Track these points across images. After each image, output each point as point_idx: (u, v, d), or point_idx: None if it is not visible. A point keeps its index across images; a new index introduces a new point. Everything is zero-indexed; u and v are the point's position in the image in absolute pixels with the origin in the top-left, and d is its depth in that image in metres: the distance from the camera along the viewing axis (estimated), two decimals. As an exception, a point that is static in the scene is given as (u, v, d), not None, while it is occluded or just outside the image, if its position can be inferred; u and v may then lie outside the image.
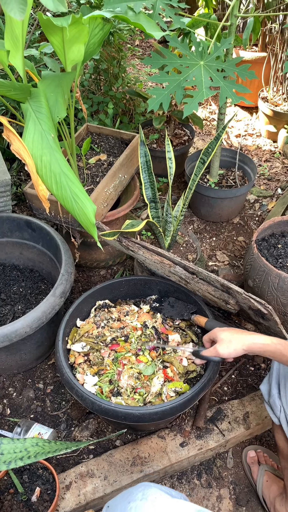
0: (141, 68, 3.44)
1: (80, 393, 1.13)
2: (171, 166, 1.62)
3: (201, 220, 2.22)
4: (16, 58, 1.16)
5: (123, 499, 0.86)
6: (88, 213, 1.08)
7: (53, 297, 1.32)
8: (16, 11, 0.66)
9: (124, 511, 0.83)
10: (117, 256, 1.94)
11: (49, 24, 0.98)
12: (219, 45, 1.35)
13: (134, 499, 0.83)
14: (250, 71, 1.34)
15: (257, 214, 2.26)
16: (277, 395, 1.15)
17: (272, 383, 1.18)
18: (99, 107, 2.35)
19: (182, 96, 1.30)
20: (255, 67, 2.80)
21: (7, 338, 1.23)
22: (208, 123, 3.07)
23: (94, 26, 1.29)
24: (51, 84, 1.17)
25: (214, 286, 1.32)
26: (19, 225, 1.62)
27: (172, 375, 1.24)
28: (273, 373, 1.19)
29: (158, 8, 1.39)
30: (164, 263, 1.36)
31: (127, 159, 1.71)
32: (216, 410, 1.44)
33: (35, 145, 1.05)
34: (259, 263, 1.49)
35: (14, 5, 0.65)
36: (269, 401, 1.18)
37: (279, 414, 1.14)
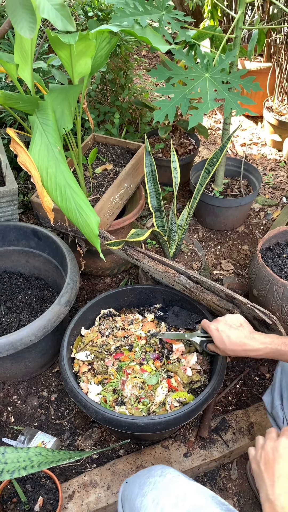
0: (147, 78, 3.48)
1: (84, 402, 1.14)
2: (176, 176, 1.63)
3: (206, 228, 2.23)
4: (25, 72, 1.18)
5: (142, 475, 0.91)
6: (92, 225, 1.09)
7: (58, 305, 1.33)
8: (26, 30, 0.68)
9: (143, 486, 0.87)
10: (122, 264, 1.95)
11: (57, 40, 1.00)
12: (224, 57, 1.37)
13: (153, 475, 0.88)
14: (254, 83, 1.36)
15: (262, 223, 2.26)
16: (279, 406, 1.15)
17: (275, 394, 1.18)
18: (105, 117, 2.38)
19: (187, 108, 1.31)
20: (260, 77, 2.82)
21: (12, 346, 1.24)
22: (213, 132, 3.09)
23: (101, 39, 1.31)
24: (58, 97, 1.19)
25: (219, 295, 1.33)
26: (26, 233, 1.64)
27: (176, 385, 1.25)
28: (276, 384, 1.19)
29: (164, 22, 1.42)
30: (168, 272, 1.37)
31: (133, 168, 1.73)
32: (221, 420, 1.43)
33: (41, 157, 1.07)
34: (264, 273, 1.49)
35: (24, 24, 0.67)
36: (271, 413, 1.18)
37: (282, 425, 1.13)
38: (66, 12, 0.70)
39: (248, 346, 1.02)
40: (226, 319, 1.10)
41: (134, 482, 0.91)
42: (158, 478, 0.87)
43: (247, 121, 3.17)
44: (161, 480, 0.87)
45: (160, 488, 0.85)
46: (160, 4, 1.45)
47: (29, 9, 0.68)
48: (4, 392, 1.53)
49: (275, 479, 0.75)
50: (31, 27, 0.68)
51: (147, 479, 0.89)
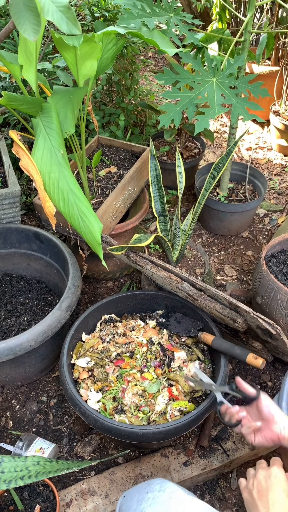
0: (153, 80, 3.46)
1: (83, 410, 1.12)
2: (181, 180, 1.61)
3: (210, 233, 2.21)
4: (29, 73, 1.17)
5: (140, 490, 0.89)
6: (95, 231, 1.08)
7: (59, 310, 1.31)
8: (30, 32, 0.66)
9: (142, 501, 0.86)
10: (124, 268, 1.93)
11: (62, 42, 0.98)
12: (232, 61, 1.35)
13: (152, 490, 0.87)
14: (263, 89, 1.34)
15: (267, 229, 2.24)
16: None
17: (283, 404, 1.16)
18: (110, 119, 2.36)
19: (194, 113, 1.29)
20: (267, 81, 2.80)
21: (12, 351, 1.22)
22: (219, 135, 3.07)
23: (107, 41, 1.30)
24: (62, 99, 1.17)
25: (222, 303, 1.31)
26: (28, 236, 1.62)
27: (177, 393, 1.23)
28: (284, 394, 1.17)
29: (172, 24, 1.40)
30: (171, 278, 1.35)
31: (137, 172, 1.71)
32: (221, 429, 1.41)
33: (44, 162, 1.05)
34: (268, 281, 1.47)
35: (28, 26, 0.65)
36: None
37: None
38: (72, 15, 0.69)
39: None
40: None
41: (132, 497, 0.89)
42: (157, 493, 0.86)
43: (254, 125, 3.15)
44: (160, 495, 0.85)
45: (159, 504, 0.83)
46: (168, 6, 1.43)
47: (33, 10, 0.66)
48: (3, 397, 1.52)
49: (269, 506, 0.78)
50: (35, 29, 0.66)
51: (146, 494, 0.87)
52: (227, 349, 1.24)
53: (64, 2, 0.68)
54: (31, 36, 0.66)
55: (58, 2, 0.67)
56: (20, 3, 0.64)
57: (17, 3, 0.64)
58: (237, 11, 2.91)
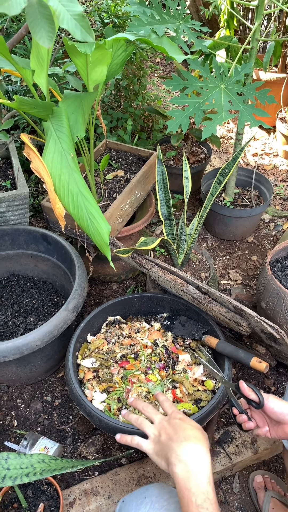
0: (160, 85, 3.49)
1: (88, 410, 1.14)
2: (187, 185, 1.63)
3: (215, 238, 2.23)
4: (40, 77, 1.19)
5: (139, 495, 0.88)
6: (103, 233, 1.09)
7: (66, 311, 1.33)
8: (45, 39, 0.68)
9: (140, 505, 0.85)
10: (130, 271, 1.94)
11: (74, 49, 1.01)
12: (240, 68, 1.37)
13: (150, 495, 0.86)
14: (270, 96, 1.35)
15: (272, 234, 2.25)
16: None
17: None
18: (118, 123, 2.39)
19: (201, 119, 1.31)
20: (274, 87, 2.82)
21: (18, 350, 1.24)
22: (225, 141, 3.09)
23: (117, 47, 1.32)
24: (73, 104, 1.19)
25: (227, 307, 1.32)
26: (35, 237, 1.65)
27: (181, 395, 1.24)
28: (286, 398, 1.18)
29: (181, 31, 1.42)
30: (177, 282, 1.37)
31: (144, 176, 1.73)
32: (224, 432, 1.42)
33: (54, 164, 1.07)
34: (273, 286, 1.48)
35: (43, 34, 0.67)
36: None
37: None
38: (86, 23, 0.71)
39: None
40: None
41: (131, 502, 0.89)
42: (155, 498, 0.85)
43: (260, 131, 3.17)
44: (158, 500, 0.85)
45: (157, 508, 0.83)
46: (177, 13, 1.46)
47: (48, 18, 0.69)
48: (8, 396, 1.53)
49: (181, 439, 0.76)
50: (50, 36, 0.68)
51: (144, 498, 0.86)
52: (231, 353, 1.25)
53: (79, 10, 0.70)
54: (46, 43, 0.68)
55: (73, 10, 0.69)
56: (36, 11, 0.66)
57: (33, 11, 0.66)
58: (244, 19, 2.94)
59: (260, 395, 0.95)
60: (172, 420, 0.82)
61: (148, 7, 1.43)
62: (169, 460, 0.75)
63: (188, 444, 0.75)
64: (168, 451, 0.76)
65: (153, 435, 0.83)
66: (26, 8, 0.66)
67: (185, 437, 0.76)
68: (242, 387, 0.99)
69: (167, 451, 0.76)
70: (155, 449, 0.80)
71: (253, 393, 0.96)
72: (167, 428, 0.80)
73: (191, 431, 0.78)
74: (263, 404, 0.94)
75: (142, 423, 0.87)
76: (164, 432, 0.80)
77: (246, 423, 0.97)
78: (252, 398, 0.96)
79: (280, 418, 0.93)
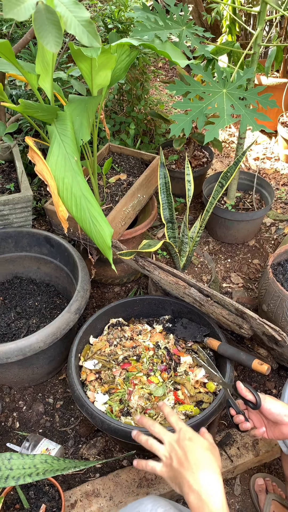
0: (163, 90, 3.51)
1: (90, 411, 1.14)
2: (189, 188, 1.64)
3: (217, 241, 2.24)
4: (45, 82, 1.21)
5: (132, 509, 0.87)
6: (105, 236, 1.11)
7: (68, 313, 1.34)
8: (52, 44, 0.69)
9: None
10: (131, 273, 1.95)
11: (79, 53, 1.02)
12: (242, 73, 1.38)
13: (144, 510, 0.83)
14: (271, 100, 1.37)
15: (273, 238, 2.26)
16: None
17: None
18: (121, 127, 2.41)
19: (204, 123, 1.32)
20: (275, 92, 2.84)
21: (21, 352, 1.25)
22: (227, 145, 3.11)
23: (121, 52, 1.34)
24: (77, 107, 1.21)
25: (229, 309, 1.33)
26: (38, 240, 1.66)
27: (183, 397, 1.24)
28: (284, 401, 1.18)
29: (184, 37, 1.44)
30: (179, 284, 1.37)
31: (146, 179, 1.74)
32: (225, 434, 1.42)
33: (58, 168, 1.08)
34: (274, 288, 1.49)
35: (50, 39, 0.69)
36: None
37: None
38: (93, 29, 0.72)
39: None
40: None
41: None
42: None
43: (261, 136, 3.18)
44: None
45: None
46: (181, 19, 1.47)
47: (55, 24, 0.70)
48: (10, 397, 1.54)
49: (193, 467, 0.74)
50: (57, 41, 0.70)
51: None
52: (232, 355, 1.25)
53: (86, 17, 0.72)
54: (53, 48, 0.70)
55: (80, 16, 0.71)
56: (43, 17, 0.68)
57: (40, 17, 0.68)
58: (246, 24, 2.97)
59: (257, 396, 0.95)
60: (181, 442, 0.80)
61: (152, 13, 1.45)
62: (182, 489, 0.76)
63: (199, 473, 0.74)
64: (181, 479, 0.76)
65: (164, 458, 0.82)
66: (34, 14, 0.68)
67: (195, 463, 0.76)
68: (239, 388, 0.99)
69: (180, 479, 0.76)
70: (169, 474, 0.80)
71: (250, 393, 0.96)
72: (177, 451, 0.79)
73: (202, 454, 0.77)
74: (260, 404, 0.94)
75: (152, 446, 0.85)
76: (175, 455, 0.79)
77: (243, 423, 0.97)
78: (249, 399, 0.97)
79: (277, 419, 0.93)
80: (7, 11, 0.64)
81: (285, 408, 0.93)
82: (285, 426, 0.93)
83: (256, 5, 2.65)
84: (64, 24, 0.72)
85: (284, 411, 0.92)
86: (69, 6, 0.71)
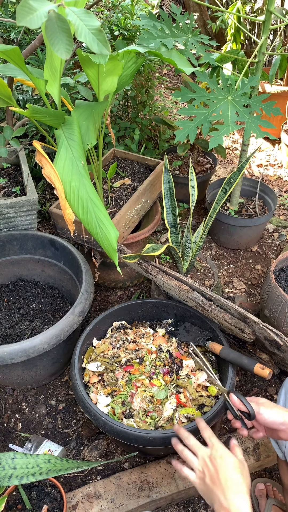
0: (167, 96, 3.54)
1: (93, 413, 1.15)
2: (193, 194, 1.66)
3: (220, 246, 2.25)
4: (53, 87, 1.23)
5: None
6: (111, 238, 1.12)
7: (72, 315, 1.35)
8: (63, 51, 0.71)
9: None
10: (134, 277, 1.97)
11: (87, 60, 1.04)
12: (246, 81, 1.40)
13: None
14: (275, 108, 1.39)
15: (276, 244, 2.27)
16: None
17: None
18: (125, 133, 2.43)
19: (208, 129, 1.34)
20: (279, 100, 2.87)
21: (25, 353, 1.26)
22: (230, 151, 3.13)
23: (128, 59, 1.36)
24: (84, 113, 1.23)
25: (231, 314, 1.34)
26: (43, 243, 1.68)
27: (185, 400, 1.25)
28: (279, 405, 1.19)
29: (190, 45, 1.46)
30: (182, 288, 1.39)
31: (150, 184, 1.76)
32: (226, 439, 1.43)
33: (66, 171, 1.10)
34: (277, 294, 1.50)
35: (61, 46, 0.71)
36: None
37: (284, 448, 1.13)
38: (103, 37, 0.74)
39: None
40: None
41: None
42: None
43: (265, 143, 3.21)
44: None
45: None
46: (186, 27, 1.50)
47: (66, 32, 0.72)
48: (13, 399, 1.55)
49: (224, 487, 0.79)
50: (68, 49, 0.72)
51: None
52: (234, 359, 1.26)
53: (96, 25, 0.74)
54: (63, 55, 0.72)
55: (91, 25, 0.73)
56: (54, 25, 0.70)
57: (52, 25, 0.70)
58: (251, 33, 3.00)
59: (250, 408, 0.96)
60: (214, 460, 0.85)
61: (158, 21, 1.47)
62: (213, 505, 0.81)
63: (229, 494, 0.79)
64: (213, 496, 0.81)
65: (198, 471, 0.87)
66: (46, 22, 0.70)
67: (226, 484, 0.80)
68: (232, 401, 1.00)
69: (211, 496, 0.82)
70: (201, 488, 0.85)
71: (243, 405, 0.97)
72: (210, 468, 0.84)
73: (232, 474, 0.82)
74: (254, 416, 0.96)
75: (187, 457, 0.91)
76: (208, 471, 0.84)
77: (240, 430, 1.01)
78: (243, 410, 0.98)
79: (272, 427, 0.95)
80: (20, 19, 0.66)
81: (281, 414, 0.94)
82: (282, 432, 0.95)
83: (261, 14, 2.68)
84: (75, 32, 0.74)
85: (279, 419, 0.93)
86: (80, 15, 0.73)
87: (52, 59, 1.14)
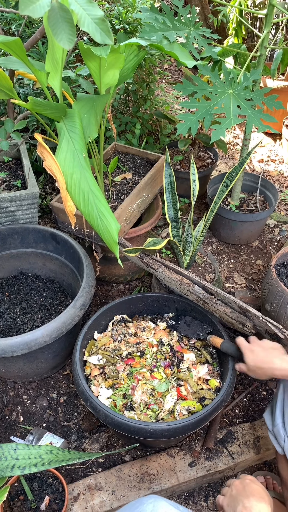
0: (168, 91, 3.53)
1: (94, 405, 1.16)
2: (194, 188, 1.65)
3: (220, 241, 2.25)
4: (54, 80, 1.23)
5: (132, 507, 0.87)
6: (112, 231, 1.12)
7: (74, 308, 1.35)
8: (66, 41, 0.71)
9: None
10: (135, 272, 1.97)
11: (89, 52, 1.04)
12: (248, 75, 1.40)
13: (144, 509, 0.84)
14: (277, 102, 1.38)
15: (276, 239, 2.27)
16: (281, 424, 1.15)
17: (276, 412, 1.18)
18: (126, 127, 2.43)
19: (210, 123, 1.34)
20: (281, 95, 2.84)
21: (27, 346, 1.26)
22: (231, 147, 3.12)
23: (129, 52, 1.36)
24: (86, 105, 1.23)
25: (232, 307, 1.34)
26: (44, 237, 1.68)
27: (185, 393, 1.26)
28: (277, 403, 1.19)
29: (192, 38, 1.45)
30: (183, 282, 1.39)
31: (151, 179, 1.76)
32: (227, 432, 1.43)
33: (67, 163, 1.10)
34: (277, 288, 1.50)
35: (64, 36, 0.71)
36: (273, 430, 1.18)
37: (283, 443, 1.13)
38: (106, 26, 0.74)
39: (276, 365, 1.08)
40: (262, 342, 1.18)
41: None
42: None
43: (266, 138, 3.20)
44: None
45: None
46: (188, 20, 1.49)
47: (69, 22, 0.72)
48: (15, 392, 1.56)
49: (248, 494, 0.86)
50: (70, 39, 0.72)
51: None
52: (235, 352, 1.27)
53: (99, 14, 0.73)
54: (66, 45, 0.72)
55: (93, 14, 0.73)
56: (57, 15, 0.69)
57: (54, 15, 0.70)
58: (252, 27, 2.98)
59: None
60: (243, 481, 0.92)
61: (160, 14, 1.47)
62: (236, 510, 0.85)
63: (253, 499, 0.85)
64: (237, 502, 0.87)
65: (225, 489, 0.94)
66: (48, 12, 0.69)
67: (251, 492, 0.87)
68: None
69: (235, 503, 0.87)
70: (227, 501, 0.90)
71: None
72: (238, 486, 0.91)
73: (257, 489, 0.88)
74: None
75: None
76: (235, 488, 0.91)
77: None
78: None
79: None
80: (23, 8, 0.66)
81: None
82: None
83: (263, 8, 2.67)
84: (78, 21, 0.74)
85: None
86: (83, 4, 0.72)
87: (53, 51, 1.14)
